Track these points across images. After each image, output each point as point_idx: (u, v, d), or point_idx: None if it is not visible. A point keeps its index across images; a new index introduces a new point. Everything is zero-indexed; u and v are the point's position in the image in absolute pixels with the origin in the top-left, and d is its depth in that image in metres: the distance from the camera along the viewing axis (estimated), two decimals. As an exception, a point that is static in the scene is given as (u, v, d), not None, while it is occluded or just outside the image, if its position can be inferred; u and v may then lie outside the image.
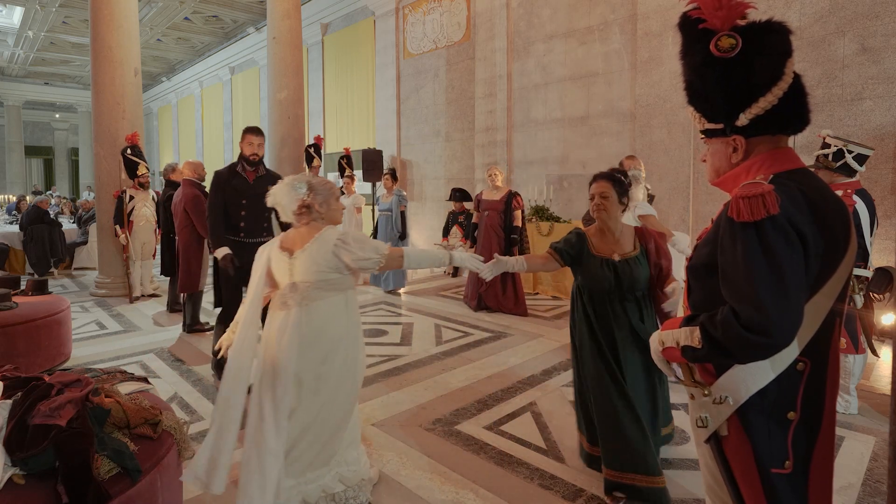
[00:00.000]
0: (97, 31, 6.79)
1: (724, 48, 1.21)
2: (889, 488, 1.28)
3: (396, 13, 10.27)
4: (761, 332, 1.07)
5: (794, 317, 1.09)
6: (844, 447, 2.87)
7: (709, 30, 1.24)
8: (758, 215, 1.10)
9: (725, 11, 1.21)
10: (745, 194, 1.12)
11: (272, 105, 8.78)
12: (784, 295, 1.08)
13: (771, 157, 1.24)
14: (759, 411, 1.20)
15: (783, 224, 1.10)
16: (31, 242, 8.37)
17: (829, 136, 3.35)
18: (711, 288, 1.22)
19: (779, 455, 1.19)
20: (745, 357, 1.14)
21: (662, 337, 1.31)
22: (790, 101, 1.21)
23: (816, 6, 5.21)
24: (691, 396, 1.31)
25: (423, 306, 6.30)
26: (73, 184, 24.70)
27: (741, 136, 1.26)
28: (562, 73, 7.53)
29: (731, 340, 1.11)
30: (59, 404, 1.68)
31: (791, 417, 1.19)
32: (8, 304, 4.01)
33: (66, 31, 14.43)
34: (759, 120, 1.22)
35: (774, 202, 1.09)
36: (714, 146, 1.34)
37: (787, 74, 1.21)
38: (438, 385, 3.79)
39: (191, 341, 4.93)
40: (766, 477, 1.19)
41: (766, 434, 1.19)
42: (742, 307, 1.10)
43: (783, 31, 1.22)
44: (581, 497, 2.44)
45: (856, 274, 3.17)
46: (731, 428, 1.23)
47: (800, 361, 1.18)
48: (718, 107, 1.27)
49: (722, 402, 1.23)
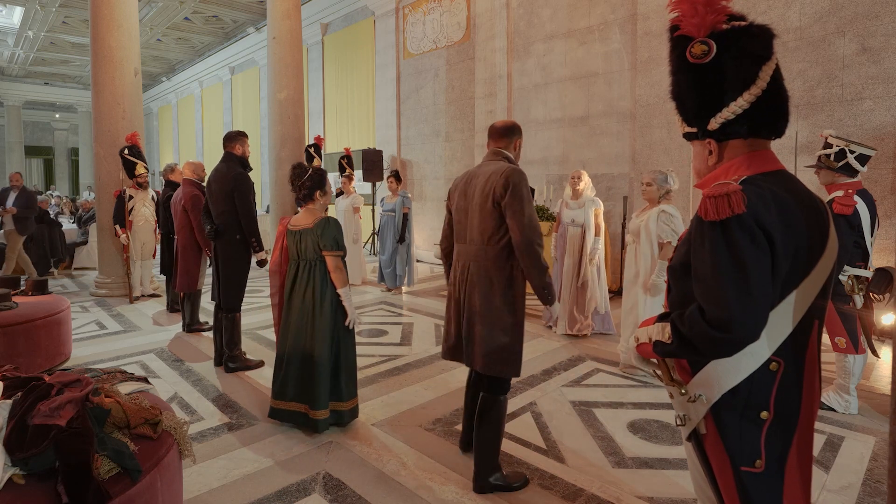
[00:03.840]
0: (97, 31, 6.79)
1: (697, 55, 1.24)
2: (889, 488, 1.28)
3: (396, 13, 10.28)
4: (724, 328, 1.10)
5: (757, 314, 1.11)
6: (844, 447, 2.87)
7: (685, 36, 1.27)
8: (723, 214, 1.12)
9: (699, 19, 1.24)
10: (712, 194, 1.15)
11: (272, 105, 8.79)
12: (747, 292, 1.10)
13: (748, 160, 1.25)
14: (731, 410, 1.22)
15: (749, 223, 1.11)
16: (31, 242, 8.36)
17: (832, 136, 3.34)
18: (687, 286, 1.24)
19: (750, 454, 1.20)
20: (711, 353, 1.17)
21: (638, 333, 1.35)
22: (766, 106, 1.23)
23: (816, 6, 5.20)
24: (670, 395, 1.33)
25: (423, 306, 6.30)
26: (73, 184, 24.70)
27: (713, 140, 1.29)
28: (562, 73, 7.53)
29: (697, 336, 1.14)
30: (59, 404, 1.68)
31: (764, 417, 1.20)
32: (8, 304, 4.01)
33: (66, 31, 14.43)
34: (730, 124, 1.25)
35: (740, 201, 1.11)
36: (695, 149, 1.37)
37: (760, 79, 1.21)
38: (438, 385, 3.79)
39: (190, 341, 4.93)
40: (738, 475, 1.21)
41: (737, 433, 1.21)
42: (707, 305, 1.13)
43: (764, 35, 1.23)
44: (581, 497, 2.44)
45: (856, 274, 3.17)
46: (709, 426, 1.25)
47: (773, 361, 1.19)
48: (692, 111, 1.31)
49: (696, 400, 1.25)
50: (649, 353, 1.31)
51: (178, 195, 5.23)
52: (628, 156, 6.85)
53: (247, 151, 4.25)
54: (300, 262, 3.07)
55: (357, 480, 2.57)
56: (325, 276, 3.04)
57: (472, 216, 2.48)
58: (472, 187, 2.50)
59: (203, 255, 5.10)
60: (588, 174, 5.14)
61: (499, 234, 2.40)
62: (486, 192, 2.41)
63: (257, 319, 5.67)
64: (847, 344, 3.24)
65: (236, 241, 4.12)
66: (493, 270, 2.42)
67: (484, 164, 2.55)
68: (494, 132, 2.60)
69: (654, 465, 2.70)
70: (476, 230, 2.46)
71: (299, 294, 3.05)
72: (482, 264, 2.44)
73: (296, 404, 3.04)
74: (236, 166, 4.12)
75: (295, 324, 3.04)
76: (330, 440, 2.98)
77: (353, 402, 3.13)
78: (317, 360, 2.99)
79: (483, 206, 2.42)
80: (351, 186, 7.95)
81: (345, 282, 3.05)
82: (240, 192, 4.02)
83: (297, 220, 3.11)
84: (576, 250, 4.88)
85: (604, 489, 2.49)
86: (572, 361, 4.30)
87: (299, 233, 3.06)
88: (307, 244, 3.03)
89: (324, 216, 3.09)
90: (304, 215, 3.12)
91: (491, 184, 2.39)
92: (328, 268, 3.03)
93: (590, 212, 4.86)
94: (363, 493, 2.45)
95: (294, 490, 2.49)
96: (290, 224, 3.13)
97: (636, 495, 2.44)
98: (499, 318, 2.41)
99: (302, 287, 3.05)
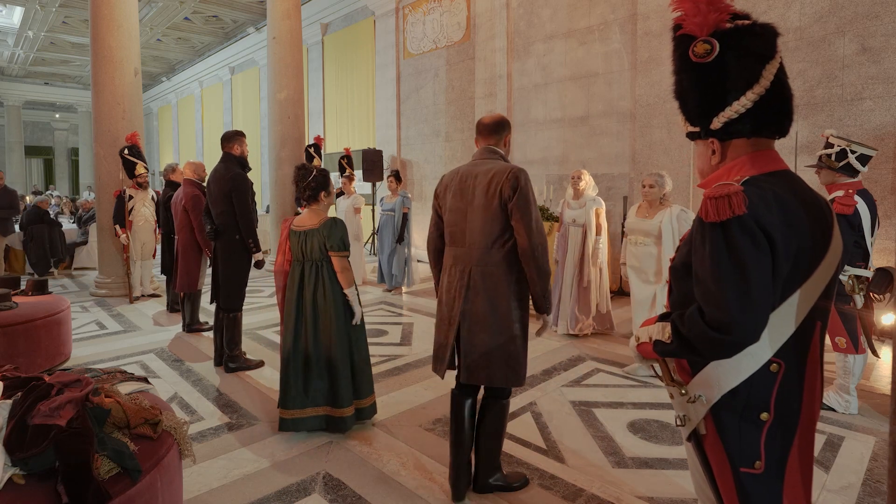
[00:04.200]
0: (97, 31, 6.79)
1: (700, 54, 1.23)
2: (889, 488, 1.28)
3: (396, 13, 10.28)
4: (723, 329, 1.09)
5: (757, 316, 1.10)
6: (844, 447, 2.87)
7: (688, 35, 1.26)
8: (724, 215, 1.11)
9: (702, 18, 1.23)
10: (713, 195, 1.14)
11: (272, 105, 8.78)
12: (746, 294, 1.09)
13: (751, 160, 1.25)
14: (731, 411, 1.21)
15: (749, 224, 1.11)
16: (31, 242, 8.37)
17: (833, 136, 3.34)
18: (689, 287, 1.24)
19: (750, 455, 1.20)
20: (710, 354, 1.17)
21: (639, 333, 1.36)
22: (768, 105, 1.22)
23: (816, 6, 5.20)
24: (671, 395, 1.33)
25: (423, 306, 6.30)
26: (73, 184, 24.70)
27: (716, 139, 1.29)
28: (562, 73, 7.53)
29: (696, 337, 1.14)
30: (59, 404, 1.68)
31: (764, 418, 1.20)
32: (8, 304, 4.01)
33: (66, 31, 14.43)
34: (732, 123, 1.24)
35: (741, 203, 1.10)
36: (698, 148, 1.37)
37: (764, 78, 1.21)
38: (438, 385, 3.79)
39: (190, 341, 4.93)
40: (737, 476, 1.20)
41: (736, 434, 1.21)
42: (707, 306, 1.13)
43: (767, 34, 1.22)
44: (581, 497, 2.44)
45: (856, 274, 3.16)
46: (708, 427, 1.25)
47: (773, 362, 1.19)
48: (694, 110, 1.30)
49: (695, 400, 1.25)
50: (649, 353, 1.31)
51: (179, 195, 5.24)
52: (628, 156, 6.85)
53: (245, 151, 4.26)
54: (305, 262, 3.06)
55: (357, 480, 2.56)
56: (332, 276, 3.04)
57: (473, 218, 2.33)
58: (470, 187, 2.36)
59: (203, 255, 5.11)
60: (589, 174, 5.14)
61: (504, 236, 2.29)
62: (491, 193, 2.28)
63: (257, 319, 5.67)
64: (847, 344, 3.24)
65: (236, 242, 4.12)
66: (498, 275, 2.30)
67: (479, 163, 2.41)
68: (483, 128, 2.47)
69: (654, 465, 2.70)
70: (478, 232, 2.32)
71: (309, 296, 3.03)
72: (486, 269, 2.31)
73: (312, 409, 3.01)
74: (234, 167, 4.13)
75: (310, 326, 3.02)
76: (330, 440, 2.98)
77: (372, 398, 3.16)
78: (338, 359, 3.00)
79: (488, 207, 2.29)
80: (352, 187, 7.95)
81: (352, 282, 3.06)
82: (237, 193, 4.03)
83: (301, 221, 3.11)
84: (577, 250, 4.88)
85: (604, 489, 2.49)
86: (572, 361, 4.30)
87: (304, 233, 3.04)
88: (313, 245, 3.02)
89: (329, 217, 3.10)
90: (308, 216, 3.11)
91: (496, 184, 2.27)
92: (335, 268, 3.03)
93: (591, 212, 4.85)
94: (363, 493, 2.45)
95: (294, 490, 2.49)
96: (294, 224, 3.11)
97: (636, 495, 2.44)
98: (506, 326, 2.30)
99: (311, 289, 3.03)
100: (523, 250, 2.25)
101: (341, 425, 3.00)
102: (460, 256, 2.39)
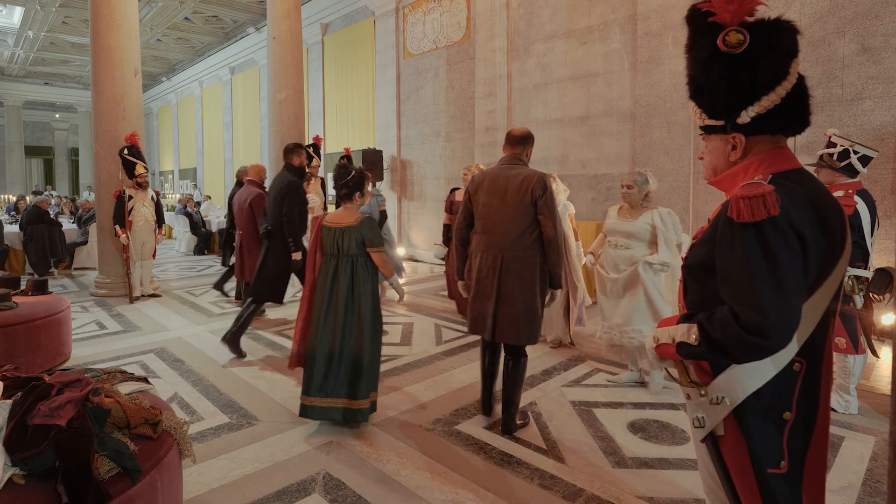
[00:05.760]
0: (97, 31, 6.79)
1: (732, 44, 1.20)
2: (889, 488, 1.28)
3: (396, 13, 10.27)
4: (760, 334, 1.07)
5: (793, 319, 1.09)
6: (844, 447, 2.88)
7: (717, 24, 1.23)
8: (758, 216, 1.09)
9: (736, 6, 1.20)
10: (745, 195, 1.11)
11: (272, 105, 8.77)
12: (783, 297, 1.07)
13: (769, 157, 1.23)
14: (756, 412, 1.20)
15: (783, 225, 1.09)
16: (31, 242, 8.36)
17: (836, 136, 3.33)
18: (709, 287, 1.22)
19: (775, 455, 1.19)
20: (743, 358, 1.14)
21: (657, 333, 1.31)
22: (792, 102, 1.21)
23: (816, 6, 5.20)
24: (687, 396, 1.30)
25: (423, 306, 6.30)
26: (73, 184, 24.70)
27: (741, 134, 1.25)
28: (562, 73, 7.53)
29: (730, 341, 1.11)
30: (59, 404, 1.68)
31: (787, 417, 1.19)
32: (8, 304, 4.01)
33: (66, 31, 14.42)
34: (760, 118, 1.22)
35: (775, 203, 1.08)
36: (713, 143, 1.33)
37: (791, 74, 1.20)
38: (438, 385, 3.79)
39: (191, 341, 4.93)
40: (763, 477, 1.18)
41: (762, 434, 1.19)
42: (741, 309, 1.10)
43: (791, 30, 1.22)
44: (581, 497, 2.44)
45: (856, 274, 3.16)
46: (728, 428, 1.23)
47: (796, 362, 1.18)
48: (721, 103, 1.26)
49: (719, 402, 1.22)
50: (671, 355, 1.26)
51: (243, 194, 5.83)
52: (628, 156, 6.85)
53: (303, 162, 4.88)
54: (340, 258, 3.15)
55: (357, 480, 2.57)
56: (365, 271, 3.15)
57: (506, 211, 2.93)
58: (501, 187, 2.95)
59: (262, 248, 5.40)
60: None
61: (531, 227, 2.92)
62: (522, 192, 2.89)
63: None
64: (847, 344, 3.24)
65: (283, 242, 4.58)
66: (525, 258, 2.92)
67: (507, 168, 3.00)
68: (512, 139, 3.05)
69: (654, 465, 2.70)
70: (510, 223, 2.92)
71: (342, 290, 3.11)
72: (516, 253, 2.93)
73: (332, 399, 3.06)
74: (290, 175, 4.67)
75: (339, 319, 3.09)
76: (330, 440, 2.98)
77: (375, 395, 3.19)
78: (365, 352, 3.08)
79: (520, 203, 2.90)
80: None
81: (392, 271, 3.21)
82: (288, 198, 4.53)
83: (336, 218, 3.20)
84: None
85: (604, 489, 2.49)
86: (572, 361, 4.30)
87: (340, 230, 3.13)
88: (350, 241, 3.12)
89: (365, 216, 3.20)
90: (342, 213, 3.22)
91: (527, 185, 2.89)
92: (376, 262, 3.16)
93: (565, 216, 4.57)
94: (363, 493, 2.45)
95: (294, 490, 2.49)
96: (327, 221, 3.21)
97: (636, 495, 2.44)
98: (530, 298, 2.92)
99: (345, 282, 3.12)
100: (548, 238, 2.90)
101: (359, 416, 3.07)
102: (493, 243, 2.99)
